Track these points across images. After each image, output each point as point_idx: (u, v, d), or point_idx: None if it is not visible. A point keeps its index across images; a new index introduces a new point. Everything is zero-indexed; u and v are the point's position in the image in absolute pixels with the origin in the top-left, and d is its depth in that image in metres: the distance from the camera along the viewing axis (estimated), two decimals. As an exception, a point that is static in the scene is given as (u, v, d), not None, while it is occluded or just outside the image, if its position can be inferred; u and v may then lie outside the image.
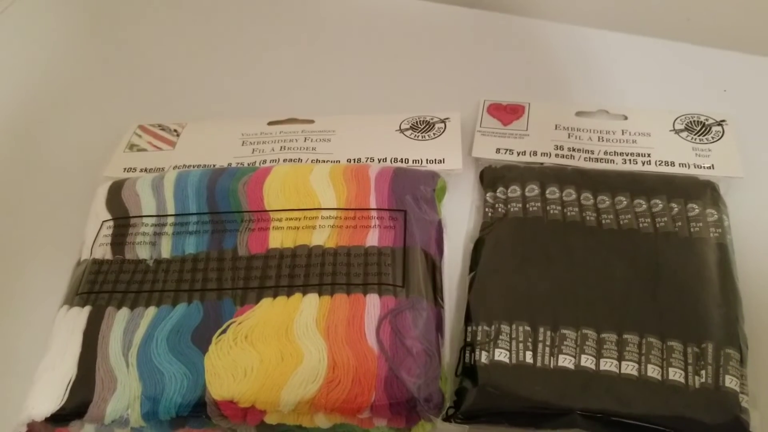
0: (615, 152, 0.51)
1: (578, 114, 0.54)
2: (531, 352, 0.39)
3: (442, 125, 0.53)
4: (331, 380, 0.37)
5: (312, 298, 0.41)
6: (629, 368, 0.38)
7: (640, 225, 0.45)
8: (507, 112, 0.55)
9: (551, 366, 0.39)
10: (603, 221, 0.45)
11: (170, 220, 0.46)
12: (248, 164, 0.51)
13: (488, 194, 0.49)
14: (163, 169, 0.52)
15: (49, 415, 0.38)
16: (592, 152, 0.51)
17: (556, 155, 0.51)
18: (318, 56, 0.64)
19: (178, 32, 0.68)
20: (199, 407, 0.37)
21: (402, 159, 0.51)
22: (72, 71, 0.65)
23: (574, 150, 0.51)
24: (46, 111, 0.61)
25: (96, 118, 0.60)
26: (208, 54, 0.66)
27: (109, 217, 0.47)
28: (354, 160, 0.51)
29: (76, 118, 0.60)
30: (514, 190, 0.48)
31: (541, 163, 0.51)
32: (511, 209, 0.47)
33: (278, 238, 0.44)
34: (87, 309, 0.42)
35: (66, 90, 0.63)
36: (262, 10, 0.69)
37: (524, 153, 0.51)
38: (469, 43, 0.65)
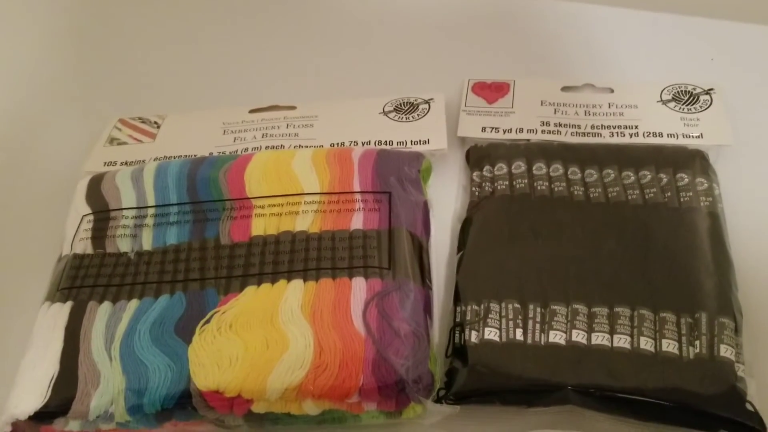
0: (602, 126, 0.50)
1: (564, 89, 0.53)
2: (521, 330, 0.39)
3: (426, 106, 0.52)
4: (318, 365, 0.36)
5: (297, 284, 0.40)
6: (621, 341, 0.38)
7: (629, 197, 0.44)
8: (492, 91, 0.54)
9: (542, 342, 0.38)
10: (591, 195, 0.45)
11: (151, 211, 0.45)
12: (230, 153, 0.51)
13: (475, 173, 0.48)
14: (143, 161, 0.51)
15: (32, 413, 0.37)
16: (579, 127, 0.50)
17: (543, 131, 0.50)
18: (298, 42, 0.63)
19: (156, 24, 0.67)
20: (185, 399, 0.37)
21: (386, 141, 0.50)
22: (51, 68, 0.64)
23: (560, 125, 0.50)
24: (26, 108, 0.60)
25: (76, 115, 0.59)
26: (188, 44, 0.65)
27: (89, 211, 0.46)
28: (337, 144, 0.50)
29: (56, 114, 0.59)
30: (501, 168, 0.47)
31: (528, 140, 0.50)
32: (498, 187, 0.46)
33: (261, 226, 0.43)
34: (69, 304, 0.41)
35: (45, 87, 0.62)
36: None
37: (510, 130, 0.50)
38: (451, 22, 0.64)
